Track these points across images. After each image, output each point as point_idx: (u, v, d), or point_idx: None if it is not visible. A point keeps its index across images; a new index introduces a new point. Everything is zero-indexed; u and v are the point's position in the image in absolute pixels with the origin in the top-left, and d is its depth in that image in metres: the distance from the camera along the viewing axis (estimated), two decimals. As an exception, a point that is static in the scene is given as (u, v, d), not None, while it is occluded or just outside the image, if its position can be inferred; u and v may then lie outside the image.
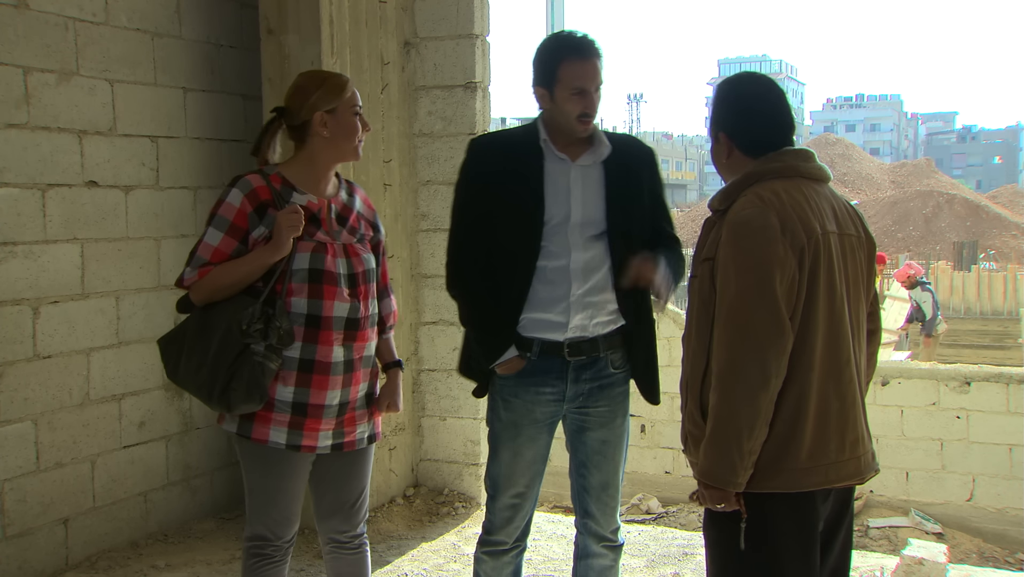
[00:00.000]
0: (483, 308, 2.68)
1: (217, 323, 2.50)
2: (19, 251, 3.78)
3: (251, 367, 2.46)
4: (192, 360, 2.53)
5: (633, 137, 2.93)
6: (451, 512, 4.79)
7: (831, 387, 2.11)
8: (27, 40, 3.78)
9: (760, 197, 2.10)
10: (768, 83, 2.27)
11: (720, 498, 2.09)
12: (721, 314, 2.08)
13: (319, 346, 2.54)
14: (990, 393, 6.34)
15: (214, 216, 2.55)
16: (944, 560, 3.94)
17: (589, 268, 2.63)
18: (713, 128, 2.28)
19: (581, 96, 2.58)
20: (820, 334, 2.09)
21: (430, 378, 4.96)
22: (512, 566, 2.83)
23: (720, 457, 2.05)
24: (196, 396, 2.59)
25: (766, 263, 2.03)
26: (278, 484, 2.61)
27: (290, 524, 2.67)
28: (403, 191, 4.78)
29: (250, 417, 2.55)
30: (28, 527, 3.84)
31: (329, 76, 2.68)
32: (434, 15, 4.78)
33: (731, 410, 2.03)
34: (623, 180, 2.68)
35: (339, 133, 2.59)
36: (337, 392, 2.58)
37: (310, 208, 2.58)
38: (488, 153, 2.72)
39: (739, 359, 2.03)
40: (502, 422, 2.72)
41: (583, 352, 2.67)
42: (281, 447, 2.56)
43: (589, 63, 2.58)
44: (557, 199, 2.62)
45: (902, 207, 34.66)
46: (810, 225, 2.09)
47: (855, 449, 2.16)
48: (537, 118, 2.70)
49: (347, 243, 2.64)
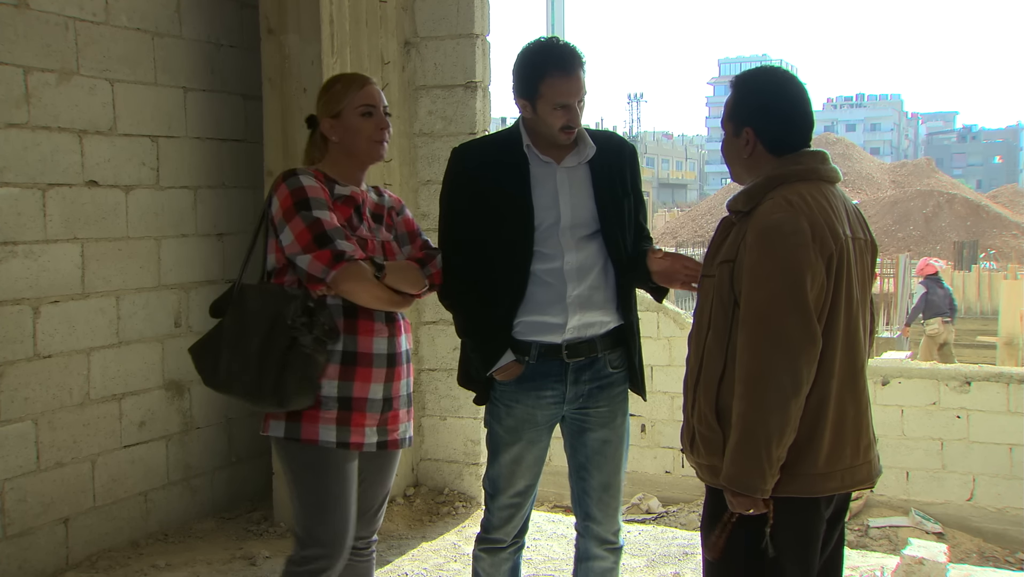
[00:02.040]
0: (476, 316, 2.67)
1: (258, 321, 2.45)
2: (19, 251, 3.78)
3: (302, 359, 2.41)
4: (235, 361, 2.47)
5: (614, 134, 2.90)
6: (451, 512, 4.79)
7: (848, 393, 2.11)
8: (27, 40, 3.78)
9: (788, 201, 2.07)
10: (795, 80, 2.21)
11: (749, 505, 2.07)
12: (749, 319, 2.04)
13: (360, 337, 2.51)
14: (990, 393, 6.33)
15: (306, 200, 2.43)
16: (944, 560, 3.94)
17: (583, 268, 2.63)
18: (735, 122, 2.20)
19: (565, 110, 2.55)
20: (840, 340, 2.09)
21: (430, 378, 4.96)
22: (510, 563, 2.82)
23: (750, 464, 2.03)
24: (242, 398, 2.52)
25: (797, 269, 2.01)
26: (334, 490, 2.52)
27: (348, 538, 2.57)
28: (403, 191, 4.78)
29: (297, 418, 2.49)
30: (28, 527, 3.84)
31: (337, 80, 2.65)
32: (434, 15, 4.79)
33: (762, 417, 2.01)
34: (608, 178, 2.68)
35: (346, 137, 2.57)
36: (380, 385, 2.54)
37: (354, 199, 2.58)
38: (472, 160, 2.70)
39: (771, 366, 2.00)
40: (503, 427, 2.71)
41: (581, 353, 2.66)
42: (332, 446, 2.49)
43: (572, 78, 2.54)
44: (546, 202, 2.61)
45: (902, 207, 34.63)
46: (836, 231, 2.08)
47: (867, 454, 2.17)
48: (518, 122, 2.68)
49: (385, 240, 2.63)
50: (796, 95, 2.19)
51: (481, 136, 2.77)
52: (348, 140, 2.57)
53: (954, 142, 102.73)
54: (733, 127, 2.21)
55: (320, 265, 2.40)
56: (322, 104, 2.60)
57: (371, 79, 2.64)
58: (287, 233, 2.44)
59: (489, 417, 2.76)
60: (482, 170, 2.65)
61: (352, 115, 2.56)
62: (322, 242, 2.40)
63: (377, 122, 2.58)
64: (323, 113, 2.59)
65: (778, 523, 2.09)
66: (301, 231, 2.42)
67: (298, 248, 2.42)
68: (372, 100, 2.58)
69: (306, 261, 2.42)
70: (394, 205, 2.75)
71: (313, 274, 2.42)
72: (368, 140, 2.57)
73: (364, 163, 2.62)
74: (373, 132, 2.57)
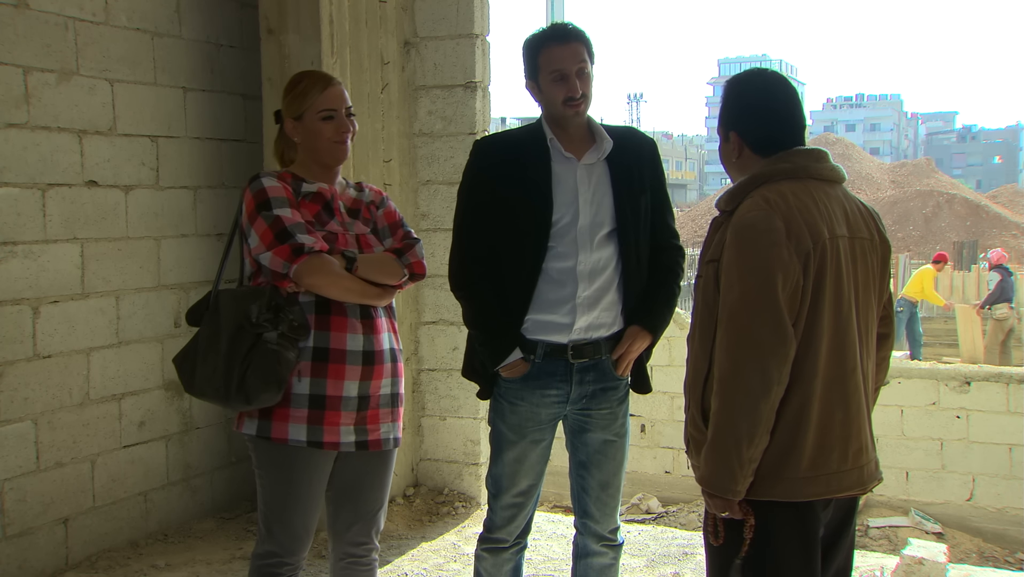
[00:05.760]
0: (488, 310, 2.66)
1: (227, 324, 2.47)
2: (19, 251, 3.78)
3: (266, 355, 2.41)
4: (207, 365, 2.49)
5: (634, 129, 2.89)
6: (451, 512, 4.79)
7: (835, 395, 2.08)
8: (27, 40, 3.78)
9: (766, 199, 2.06)
10: (780, 80, 2.21)
11: (723, 506, 2.06)
12: (723, 318, 2.04)
13: (332, 333, 2.49)
14: (990, 393, 6.34)
15: (266, 201, 2.46)
16: (944, 560, 3.94)
17: (596, 270, 2.63)
18: (723, 127, 2.21)
19: (563, 80, 2.56)
20: (825, 341, 2.05)
21: (430, 378, 4.96)
22: (512, 563, 2.82)
23: (720, 465, 2.02)
24: (215, 401, 2.53)
25: (769, 268, 1.99)
26: (296, 491, 2.52)
27: (305, 540, 2.58)
28: (403, 191, 4.78)
29: (268, 416, 2.49)
30: (28, 527, 3.84)
31: (300, 80, 2.62)
32: (434, 15, 4.78)
33: (731, 418, 2.00)
34: (628, 177, 2.67)
35: (307, 139, 2.57)
36: (355, 383, 2.52)
37: (322, 195, 2.57)
38: (494, 154, 2.70)
39: (740, 366, 1.99)
40: (507, 424, 2.71)
41: (586, 355, 2.66)
42: (302, 444, 2.48)
43: (568, 47, 2.57)
44: (565, 200, 2.60)
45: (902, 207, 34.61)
46: (817, 229, 2.04)
47: (858, 459, 2.12)
48: (540, 118, 2.69)
49: (360, 234, 2.62)
50: (779, 96, 2.18)
51: (504, 130, 2.80)
52: (309, 142, 2.57)
53: (954, 142, 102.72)
54: (723, 132, 2.23)
55: (280, 260, 2.42)
56: (286, 103, 2.59)
57: (335, 79, 2.63)
58: (253, 235, 2.47)
59: (493, 415, 2.76)
60: (502, 164, 2.65)
61: (313, 119, 2.55)
62: (282, 237, 2.42)
63: (338, 126, 2.57)
64: (286, 113, 2.59)
65: (774, 528, 2.07)
66: (264, 231, 2.44)
67: (263, 247, 2.45)
68: (334, 104, 2.57)
69: (268, 258, 2.44)
70: (374, 199, 2.73)
71: (275, 270, 2.44)
72: (328, 142, 2.56)
73: (327, 164, 2.61)
74: (333, 135, 2.57)
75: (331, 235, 2.53)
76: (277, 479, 2.54)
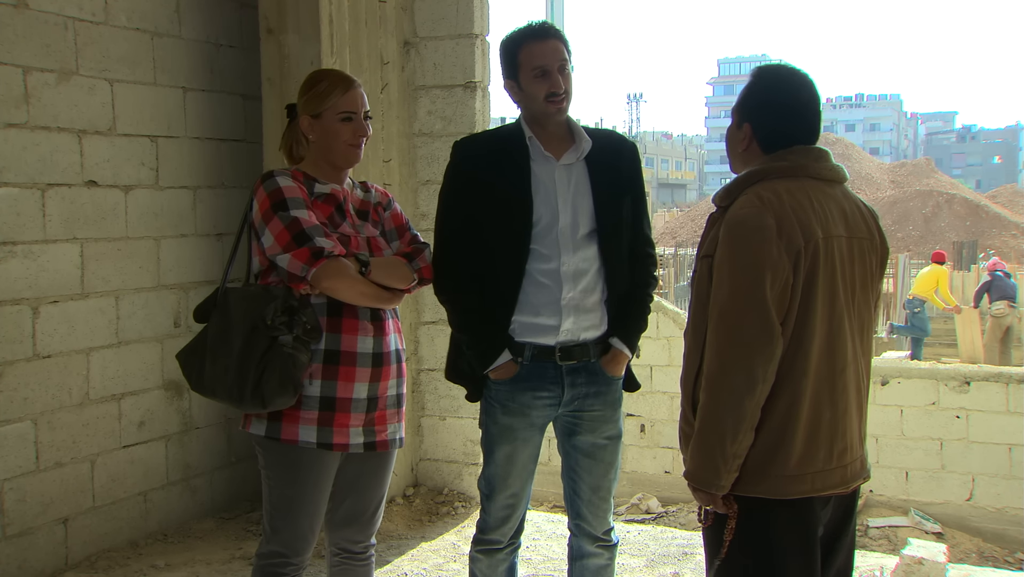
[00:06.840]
0: (474, 313, 2.65)
1: (239, 323, 2.46)
2: (19, 251, 3.78)
3: (282, 358, 2.40)
4: (217, 364, 2.48)
5: (614, 132, 2.89)
6: (451, 512, 4.79)
7: (825, 395, 2.08)
8: (27, 40, 3.78)
9: (759, 197, 2.06)
10: (803, 80, 2.18)
11: (707, 500, 2.09)
12: (713, 315, 2.05)
13: (344, 336, 2.50)
14: (990, 393, 6.35)
15: (283, 201, 2.44)
16: (944, 560, 3.94)
17: (579, 271, 2.62)
18: (739, 114, 2.21)
19: (545, 76, 2.56)
20: (816, 340, 2.05)
21: (430, 378, 4.95)
22: (507, 564, 2.82)
23: (704, 459, 2.04)
24: (225, 401, 2.52)
25: (758, 265, 2.00)
26: (304, 492, 2.52)
27: (310, 540, 2.58)
28: (403, 191, 4.78)
29: (278, 418, 2.48)
30: (28, 527, 3.84)
31: (322, 79, 2.61)
32: (434, 15, 4.79)
33: (716, 414, 2.01)
34: (607, 178, 2.66)
35: (323, 138, 2.56)
36: (365, 385, 2.52)
37: (335, 196, 2.57)
38: (474, 154, 2.69)
39: (727, 363, 2.00)
40: (498, 426, 2.70)
41: (574, 356, 2.65)
42: (312, 446, 2.48)
43: (547, 43, 2.57)
44: (545, 200, 2.60)
45: (902, 207, 34.63)
46: (810, 228, 2.04)
47: (842, 458, 2.12)
48: (519, 117, 2.69)
49: (371, 236, 2.62)
50: (801, 96, 2.16)
51: (483, 130, 2.79)
52: (325, 142, 2.56)
53: (953, 142, 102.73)
54: (737, 119, 2.22)
55: (299, 263, 2.41)
56: (304, 100, 2.58)
57: (356, 81, 2.61)
58: (267, 235, 2.44)
59: (484, 416, 2.76)
60: (482, 164, 2.64)
61: (332, 119, 2.54)
62: (301, 240, 2.41)
63: (356, 128, 2.56)
64: (304, 110, 2.57)
65: (772, 525, 2.08)
66: (280, 231, 2.42)
67: (278, 248, 2.43)
68: (354, 106, 2.56)
69: (286, 260, 2.42)
70: (381, 200, 2.73)
71: (294, 273, 2.42)
72: (345, 144, 2.56)
73: (339, 165, 2.60)
74: (351, 138, 2.56)
75: (344, 237, 2.52)
76: (285, 480, 2.53)
